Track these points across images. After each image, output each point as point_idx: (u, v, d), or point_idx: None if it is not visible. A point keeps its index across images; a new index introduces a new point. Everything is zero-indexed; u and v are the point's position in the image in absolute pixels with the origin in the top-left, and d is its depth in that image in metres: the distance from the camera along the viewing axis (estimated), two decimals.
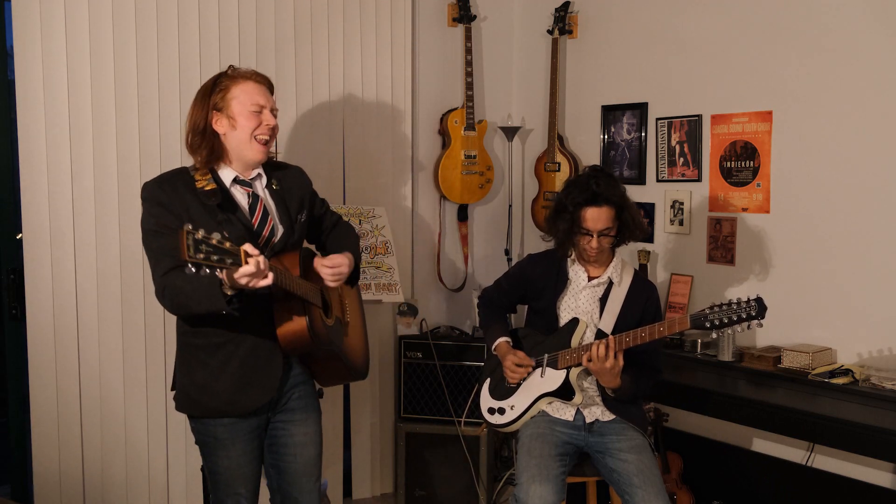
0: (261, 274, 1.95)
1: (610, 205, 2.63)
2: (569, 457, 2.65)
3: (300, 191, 2.45)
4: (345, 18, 3.60)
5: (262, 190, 2.35)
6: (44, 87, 2.89)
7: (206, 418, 2.31)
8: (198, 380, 2.28)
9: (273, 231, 2.31)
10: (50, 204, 2.94)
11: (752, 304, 2.37)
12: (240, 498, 2.34)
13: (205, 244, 1.80)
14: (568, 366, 2.66)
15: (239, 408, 2.27)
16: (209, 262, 1.81)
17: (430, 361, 3.72)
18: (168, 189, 2.20)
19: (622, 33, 3.80)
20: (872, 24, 2.96)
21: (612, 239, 2.67)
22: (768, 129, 3.26)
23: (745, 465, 3.34)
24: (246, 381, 2.26)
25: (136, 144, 3.08)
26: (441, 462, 3.71)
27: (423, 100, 3.96)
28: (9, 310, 3.03)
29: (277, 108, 2.34)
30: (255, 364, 2.26)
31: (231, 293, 2.01)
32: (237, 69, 2.32)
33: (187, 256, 1.77)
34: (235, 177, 2.29)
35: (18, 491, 3.11)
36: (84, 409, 3.04)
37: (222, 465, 2.32)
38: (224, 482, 2.34)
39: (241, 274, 1.92)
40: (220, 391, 2.25)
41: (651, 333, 2.50)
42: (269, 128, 2.27)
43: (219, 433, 2.30)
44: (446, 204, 4.09)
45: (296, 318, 2.22)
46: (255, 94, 2.26)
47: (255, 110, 2.25)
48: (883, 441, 2.50)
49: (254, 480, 2.37)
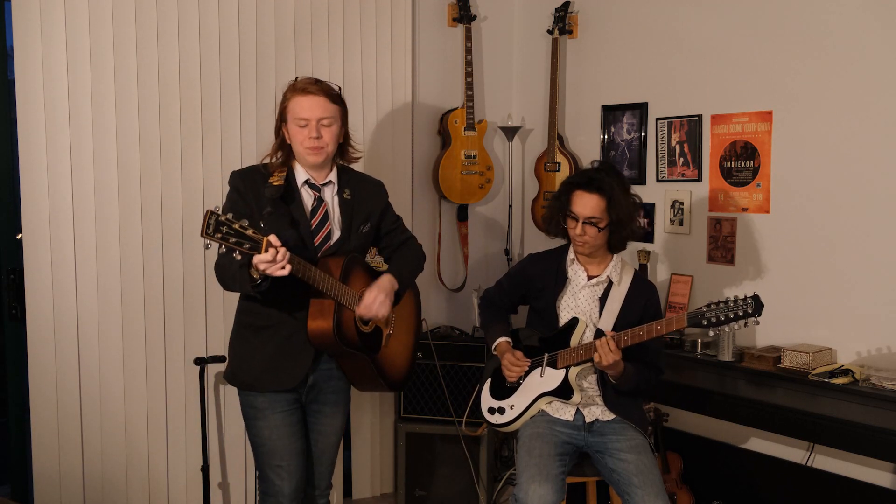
0: (277, 264, 2.14)
1: (601, 194, 2.62)
2: (568, 457, 2.65)
3: (371, 205, 2.61)
4: (345, 18, 3.60)
5: (331, 196, 2.53)
6: (44, 87, 2.89)
7: (243, 391, 2.52)
8: (240, 353, 2.53)
9: (329, 235, 2.49)
10: (50, 204, 2.94)
11: (749, 301, 2.37)
12: (280, 471, 2.49)
13: (226, 226, 2.04)
14: (567, 365, 2.66)
15: (262, 385, 2.47)
16: (226, 243, 2.04)
17: (430, 361, 3.72)
18: (247, 179, 2.45)
19: (622, 33, 3.80)
20: (873, 25, 2.96)
21: (598, 231, 2.64)
22: (768, 129, 3.26)
23: (745, 465, 3.34)
24: (276, 365, 2.46)
25: (136, 144, 3.08)
26: (441, 462, 3.71)
27: (423, 100, 3.96)
28: (9, 310, 3.03)
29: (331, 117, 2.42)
30: (289, 351, 2.45)
31: (257, 277, 2.20)
32: (298, 81, 2.45)
33: (203, 234, 2.01)
34: (307, 179, 2.49)
35: (18, 491, 3.11)
36: (84, 409, 3.04)
37: (264, 434, 2.49)
38: (266, 453, 2.50)
39: (258, 260, 2.12)
40: (252, 368, 2.48)
41: (649, 332, 2.50)
42: (312, 139, 2.40)
43: (258, 402, 2.49)
44: (446, 204, 4.09)
45: (325, 317, 2.39)
46: (300, 109, 2.40)
47: (300, 125, 2.41)
48: (883, 441, 2.50)
49: (296, 456, 2.51)
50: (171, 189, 3.16)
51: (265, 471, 2.51)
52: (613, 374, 2.59)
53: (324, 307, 2.39)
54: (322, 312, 2.39)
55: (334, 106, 2.44)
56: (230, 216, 2.05)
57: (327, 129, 2.43)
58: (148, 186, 3.12)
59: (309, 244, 2.44)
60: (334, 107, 2.44)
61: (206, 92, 3.23)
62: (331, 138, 2.44)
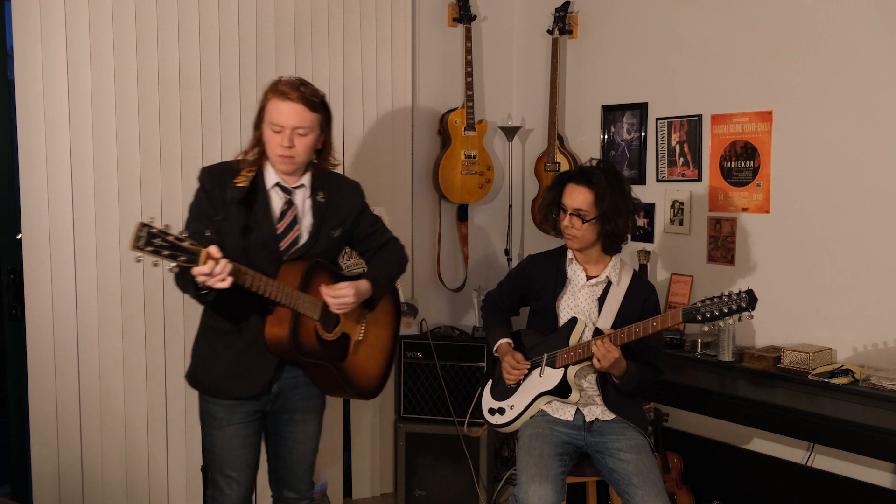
0: (216, 277, 2.08)
1: (590, 187, 2.64)
2: (569, 456, 2.65)
3: (347, 208, 2.51)
4: (345, 18, 3.60)
5: (303, 200, 2.43)
6: (44, 87, 2.90)
7: (203, 395, 2.44)
8: (203, 355, 2.45)
9: (297, 239, 2.40)
10: (50, 204, 2.94)
11: (743, 295, 2.37)
12: (230, 481, 2.43)
13: (160, 238, 1.98)
14: (566, 364, 2.66)
15: (223, 392, 2.39)
16: (159, 256, 1.98)
17: (430, 361, 3.72)
18: (215, 177, 2.36)
19: (622, 33, 3.80)
20: (872, 25, 2.96)
21: (583, 223, 2.64)
22: (768, 129, 3.26)
23: (744, 465, 3.34)
24: (236, 371, 2.37)
25: (136, 144, 3.08)
26: (441, 462, 3.71)
27: (423, 100, 3.96)
28: (8, 310, 3.03)
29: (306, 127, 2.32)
30: (249, 358, 2.37)
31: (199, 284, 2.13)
32: (280, 81, 2.34)
33: (133, 247, 1.95)
34: (277, 182, 2.39)
35: (18, 490, 3.11)
36: (84, 408, 3.04)
37: (217, 444, 2.43)
38: (217, 461, 2.44)
39: (195, 272, 2.06)
40: (213, 372, 2.40)
41: (644, 329, 2.49)
42: (284, 147, 2.30)
43: (217, 412, 2.41)
44: (446, 204, 4.09)
45: (282, 325, 2.31)
46: (276, 114, 2.30)
47: (274, 130, 2.31)
48: (883, 441, 2.50)
49: (248, 467, 2.46)
50: (170, 189, 3.16)
51: (216, 476, 2.45)
52: (616, 374, 2.59)
53: (281, 315, 2.32)
54: (279, 320, 2.31)
55: (313, 115, 2.32)
56: (166, 227, 1.99)
57: (301, 138, 2.32)
58: (148, 186, 3.12)
59: (273, 248, 2.35)
60: (313, 115, 2.32)
61: (206, 92, 3.23)
62: (303, 149, 2.33)
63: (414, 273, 3.99)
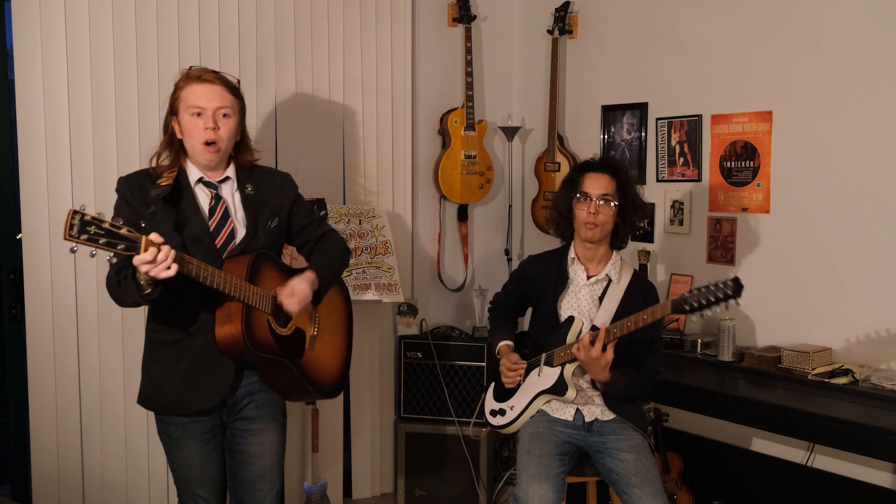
0: (160, 264, 1.93)
1: (611, 173, 2.67)
2: (568, 456, 2.65)
3: (279, 198, 2.40)
4: (345, 19, 3.61)
5: (231, 193, 2.32)
6: (44, 87, 2.90)
7: (159, 415, 2.32)
8: (152, 375, 2.30)
9: (233, 234, 2.28)
10: (50, 204, 2.94)
11: (729, 283, 2.36)
12: (198, 499, 2.35)
13: (95, 226, 1.82)
14: (563, 362, 2.66)
15: (184, 408, 2.26)
16: (95, 245, 1.83)
17: (430, 361, 3.72)
18: (134, 185, 2.21)
19: (622, 33, 3.80)
20: (872, 25, 2.96)
21: (612, 210, 2.64)
22: (768, 129, 3.26)
23: (745, 465, 3.34)
24: (192, 382, 2.24)
25: (135, 144, 3.08)
26: (441, 462, 3.71)
27: (423, 100, 3.96)
28: (8, 310, 3.03)
29: (229, 108, 2.22)
30: (203, 365, 2.23)
31: (145, 284, 2.00)
32: (191, 69, 2.25)
33: (66, 236, 1.80)
34: (200, 177, 2.27)
35: (18, 491, 3.11)
36: (84, 408, 3.04)
37: (179, 464, 2.33)
38: (182, 480, 2.35)
39: (138, 261, 1.91)
40: (167, 389, 2.25)
41: (636, 322, 2.48)
42: (209, 130, 2.19)
43: (171, 432, 2.31)
44: (446, 204, 4.09)
45: (233, 321, 2.16)
46: (195, 97, 2.19)
47: (193, 113, 2.19)
48: (883, 441, 2.50)
49: (214, 483, 2.37)
50: None
51: (183, 496, 2.36)
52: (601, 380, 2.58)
53: (230, 311, 2.16)
54: (229, 317, 2.16)
55: (233, 98, 2.23)
56: (100, 214, 1.83)
57: (225, 120, 2.21)
58: None
59: (209, 245, 2.21)
60: (233, 98, 2.23)
61: None
62: (227, 133, 2.22)
63: (414, 273, 3.99)
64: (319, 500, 3.39)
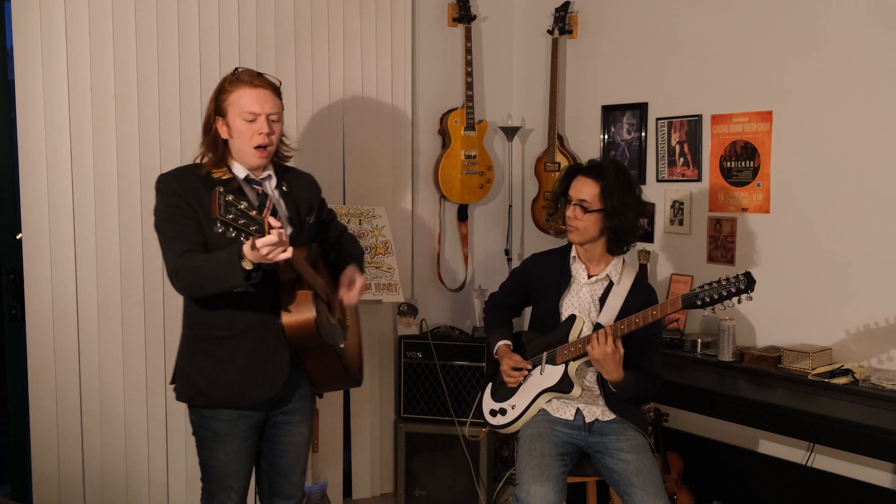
0: (282, 245, 1.96)
1: (597, 180, 2.65)
2: (569, 456, 2.65)
3: (310, 195, 2.50)
4: (345, 19, 3.61)
5: (272, 190, 2.39)
6: (44, 87, 2.90)
7: (206, 409, 2.34)
8: (204, 370, 2.32)
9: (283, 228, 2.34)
10: (50, 204, 2.94)
11: (741, 278, 2.37)
12: (230, 492, 2.39)
13: (234, 207, 1.85)
14: (566, 360, 2.65)
15: (246, 399, 2.31)
16: (236, 225, 1.85)
17: (430, 361, 3.72)
18: (184, 181, 2.26)
19: (622, 33, 3.80)
20: (872, 24, 2.96)
21: (584, 214, 2.64)
22: (768, 129, 3.26)
23: (745, 465, 3.34)
24: (253, 375, 2.30)
25: (135, 144, 3.09)
26: (441, 462, 3.71)
27: (423, 100, 3.96)
28: (9, 310, 3.04)
29: (278, 112, 2.30)
30: (262, 358, 2.30)
31: (249, 268, 2.00)
32: (240, 72, 2.31)
33: (218, 214, 1.81)
34: (246, 175, 2.33)
35: (18, 491, 3.11)
36: (84, 408, 3.04)
37: (219, 459, 2.37)
38: (217, 475, 2.39)
39: (263, 243, 1.92)
40: (225, 383, 2.30)
41: (644, 318, 2.48)
42: (263, 135, 2.26)
43: (217, 427, 2.34)
44: (446, 204, 4.09)
45: (304, 309, 2.24)
46: (248, 102, 2.24)
47: (247, 119, 2.25)
48: (883, 441, 2.50)
49: (246, 476, 2.44)
50: None
51: (214, 490, 2.39)
52: (614, 380, 2.58)
53: (299, 299, 2.24)
54: (298, 305, 2.23)
55: (280, 102, 2.31)
56: (232, 197, 1.85)
57: (276, 125, 2.29)
58: (148, 186, 3.10)
59: None
60: (280, 102, 2.31)
61: (206, 92, 3.19)
62: (278, 136, 2.32)
63: (414, 273, 3.99)
64: (319, 500, 3.39)
